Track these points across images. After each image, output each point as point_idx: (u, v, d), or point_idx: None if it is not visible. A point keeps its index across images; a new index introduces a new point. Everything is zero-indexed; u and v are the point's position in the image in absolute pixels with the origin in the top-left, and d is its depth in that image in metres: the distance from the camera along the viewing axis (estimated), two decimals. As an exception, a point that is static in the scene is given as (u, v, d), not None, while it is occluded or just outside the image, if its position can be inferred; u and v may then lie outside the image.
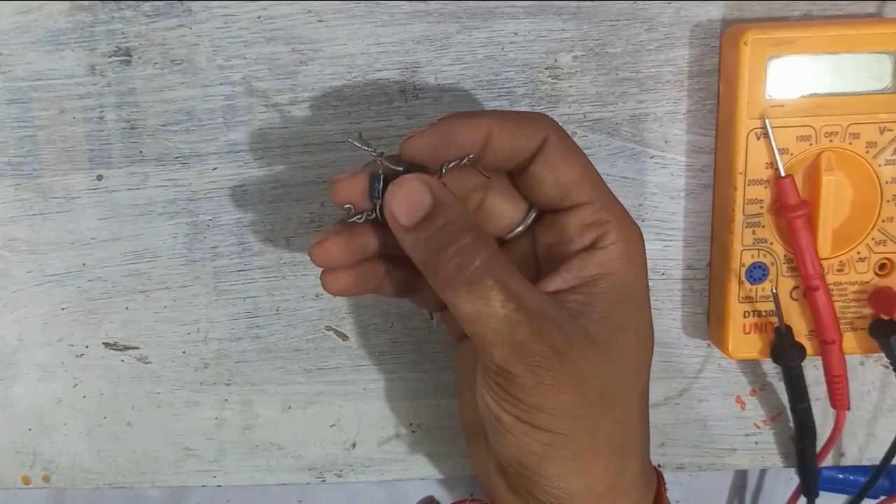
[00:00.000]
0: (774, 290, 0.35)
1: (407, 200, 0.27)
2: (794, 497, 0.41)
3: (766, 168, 0.34)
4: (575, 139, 0.36)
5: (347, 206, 0.29)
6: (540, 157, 0.29)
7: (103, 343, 0.39)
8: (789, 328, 0.36)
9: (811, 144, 0.34)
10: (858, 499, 0.40)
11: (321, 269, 0.30)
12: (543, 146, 0.29)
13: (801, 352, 0.36)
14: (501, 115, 0.29)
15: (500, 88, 0.36)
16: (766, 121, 0.34)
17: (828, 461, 0.39)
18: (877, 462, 0.37)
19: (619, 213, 0.30)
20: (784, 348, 0.36)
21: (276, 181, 0.37)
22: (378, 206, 0.29)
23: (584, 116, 0.36)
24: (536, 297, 0.28)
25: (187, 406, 0.40)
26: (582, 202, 0.29)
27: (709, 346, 0.39)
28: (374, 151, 0.28)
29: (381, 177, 0.28)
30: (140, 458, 0.40)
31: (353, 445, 0.40)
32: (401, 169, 0.28)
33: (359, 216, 0.29)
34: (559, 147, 0.29)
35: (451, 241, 0.27)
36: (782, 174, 0.34)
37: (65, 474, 0.41)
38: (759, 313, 0.36)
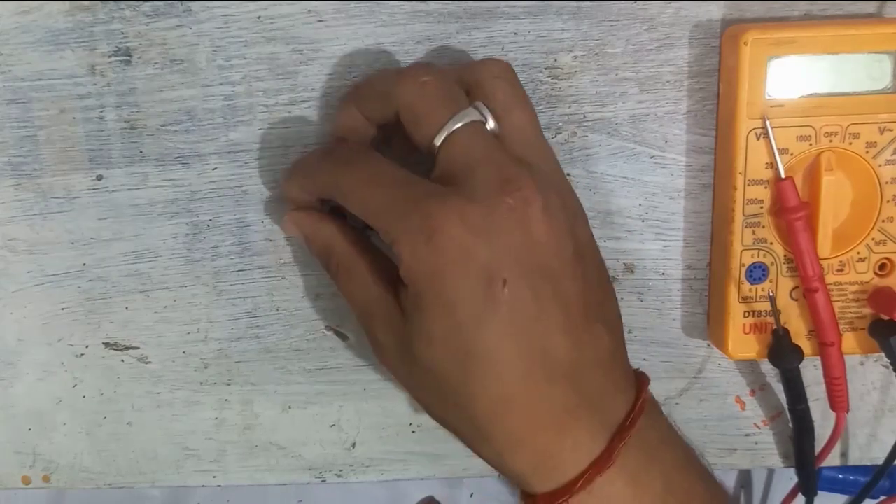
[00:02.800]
0: (771, 294, 0.35)
1: (291, 232, 0.36)
2: (791, 496, 0.41)
3: (767, 168, 0.34)
4: (575, 139, 0.37)
5: None
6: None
7: (103, 343, 0.39)
8: (786, 331, 0.36)
9: (811, 144, 0.34)
10: (859, 499, 0.40)
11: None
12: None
13: (798, 354, 0.36)
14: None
15: (500, 88, 0.36)
16: (766, 121, 0.34)
17: (829, 461, 0.39)
18: (878, 462, 0.37)
19: None
20: (781, 351, 0.36)
21: (276, 181, 0.37)
22: None
23: (584, 116, 0.36)
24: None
25: (187, 406, 0.40)
26: None
27: (709, 346, 0.39)
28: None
29: None
30: (140, 458, 0.40)
31: (353, 445, 0.40)
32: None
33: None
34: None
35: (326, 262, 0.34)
36: (782, 175, 0.34)
37: (65, 474, 0.41)
38: (758, 313, 0.36)
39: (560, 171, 0.32)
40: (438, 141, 0.30)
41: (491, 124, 0.31)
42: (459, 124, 0.30)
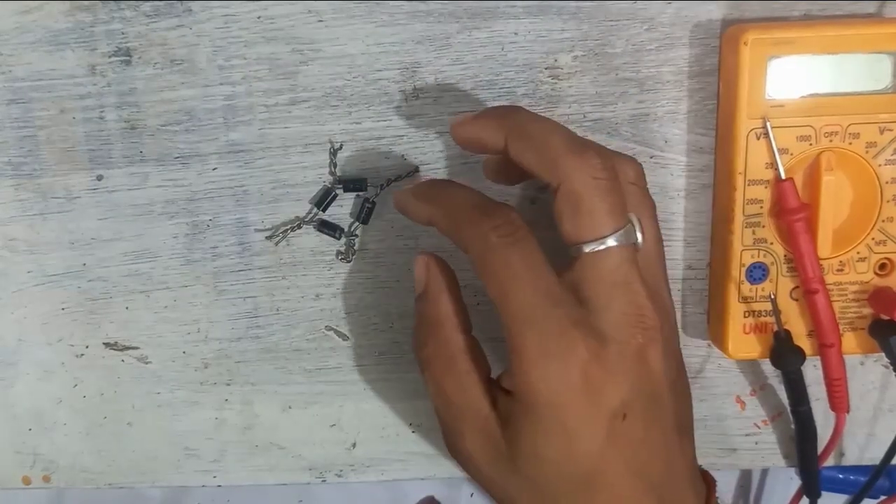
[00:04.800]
0: (772, 296, 0.35)
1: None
2: (797, 498, 0.41)
3: (767, 168, 0.34)
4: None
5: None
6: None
7: (103, 343, 0.39)
8: (788, 333, 0.35)
9: (811, 144, 0.34)
10: (858, 498, 0.40)
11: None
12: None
13: (800, 356, 0.36)
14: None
15: (500, 88, 0.36)
16: (766, 121, 0.34)
17: (828, 461, 0.39)
18: (877, 462, 0.37)
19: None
20: (783, 353, 0.36)
21: (276, 181, 0.37)
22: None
23: (584, 116, 0.36)
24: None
25: (187, 406, 0.40)
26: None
27: (709, 346, 0.39)
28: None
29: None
30: (140, 458, 0.40)
31: (353, 445, 0.40)
32: None
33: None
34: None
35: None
36: (782, 177, 0.34)
37: (65, 474, 0.41)
38: (759, 313, 0.36)
39: (665, 285, 0.33)
40: (589, 249, 0.29)
41: (639, 244, 0.30)
42: (616, 244, 0.29)
